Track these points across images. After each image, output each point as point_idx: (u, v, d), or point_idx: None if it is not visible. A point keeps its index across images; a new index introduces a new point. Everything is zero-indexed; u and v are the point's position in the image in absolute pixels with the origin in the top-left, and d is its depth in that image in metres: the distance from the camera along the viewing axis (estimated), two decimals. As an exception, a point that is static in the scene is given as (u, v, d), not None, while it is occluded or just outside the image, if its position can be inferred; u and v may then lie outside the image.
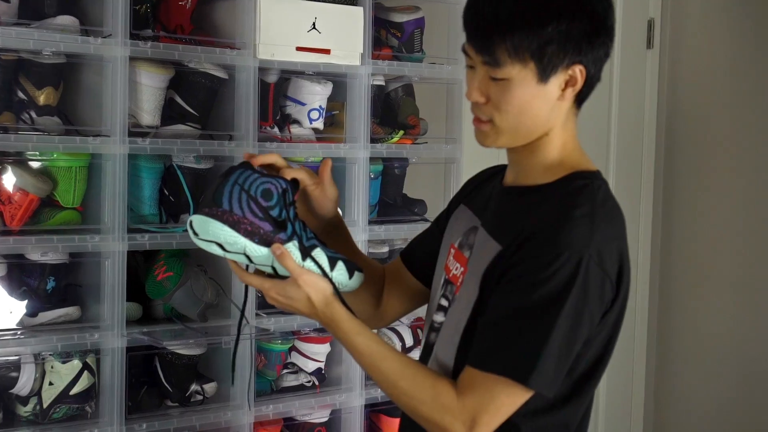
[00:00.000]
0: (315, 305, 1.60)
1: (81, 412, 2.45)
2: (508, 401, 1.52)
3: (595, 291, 1.51)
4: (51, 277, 2.43)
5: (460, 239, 1.70)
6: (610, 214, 1.57)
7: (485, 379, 1.51)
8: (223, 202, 1.60)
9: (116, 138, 2.39)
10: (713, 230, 3.64)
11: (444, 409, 1.53)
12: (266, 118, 2.68)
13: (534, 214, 1.56)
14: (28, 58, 2.38)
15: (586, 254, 1.49)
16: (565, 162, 1.61)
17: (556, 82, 1.55)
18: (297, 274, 1.59)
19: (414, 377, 1.56)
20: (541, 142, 1.60)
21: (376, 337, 1.60)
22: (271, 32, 2.60)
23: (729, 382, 3.59)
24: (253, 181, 1.62)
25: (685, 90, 3.75)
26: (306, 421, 2.80)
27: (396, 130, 2.92)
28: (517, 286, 1.51)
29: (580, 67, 1.55)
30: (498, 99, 1.55)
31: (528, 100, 1.54)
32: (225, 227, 1.58)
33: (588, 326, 1.53)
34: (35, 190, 2.36)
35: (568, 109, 1.60)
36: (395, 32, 2.96)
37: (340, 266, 1.65)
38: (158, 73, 2.50)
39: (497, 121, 1.57)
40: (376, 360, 1.58)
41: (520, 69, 1.52)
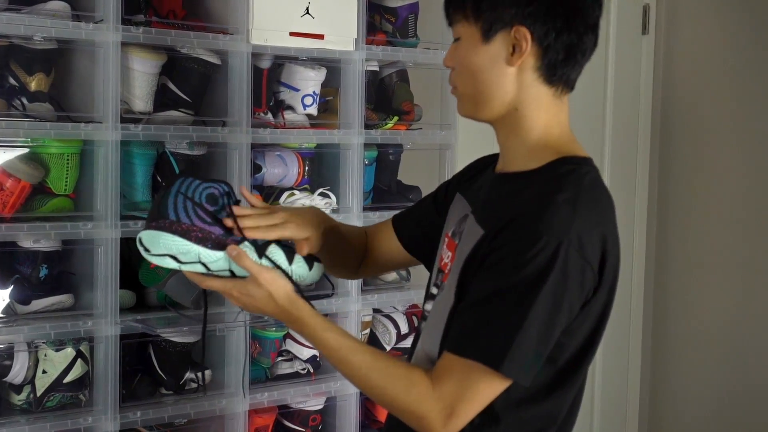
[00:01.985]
0: (278, 302, 1.59)
1: (75, 401, 2.43)
2: (485, 388, 1.49)
3: (574, 278, 1.48)
4: (44, 264, 2.42)
5: (453, 228, 1.68)
6: (594, 200, 1.54)
7: (462, 365, 1.48)
8: (169, 213, 1.59)
9: (108, 124, 2.38)
10: (709, 221, 3.63)
11: (420, 399, 1.50)
12: (260, 104, 2.67)
13: (517, 199, 1.54)
14: (19, 44, 2.36)
15: (565, 240, 1.46)
16: (550, 146, 1.58)
17: (502, 45, 1.55)
18: (256, 272, 1.58)
19: (386, 368, 1.54)
20: (515, 120, 1.58)
21: (343, 331, 1.59)
22: (264, 17, 2.58)
23: (724, 375, 3.59)
24: (196, 187, 1.61)
25: (680, 76, 3.74)
26: (301, 408, 2.79)
27: (390, 116, 2.91)
28: (495, 270, 1.49)
29: (524, 30, 1.53)
30: (457, 61, 1.60)
31: (476, 60, 1.56)
32: (175, 237, 1.58)
33: (567, 314, 1.49)
34: (27, 177, 2.35)
35: (532, 84, 1.56)
36: (389, 17, 2.94)
37: (299, 259, 1.64)
38: (150, 58, 2.49)
39: (459, 85, 1.61)
40: (347, 354, 1.55)
41: (468, 27, 1.57)
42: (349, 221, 2.75)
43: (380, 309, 2.98)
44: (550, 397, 1.56)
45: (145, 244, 1.60)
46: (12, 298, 2.41)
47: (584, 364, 1.58)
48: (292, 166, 2.75)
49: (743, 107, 3.53)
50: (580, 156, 1.59)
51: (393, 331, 2.97)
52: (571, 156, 1.58)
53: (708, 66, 3.64)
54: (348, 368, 1.56)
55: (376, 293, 2.88)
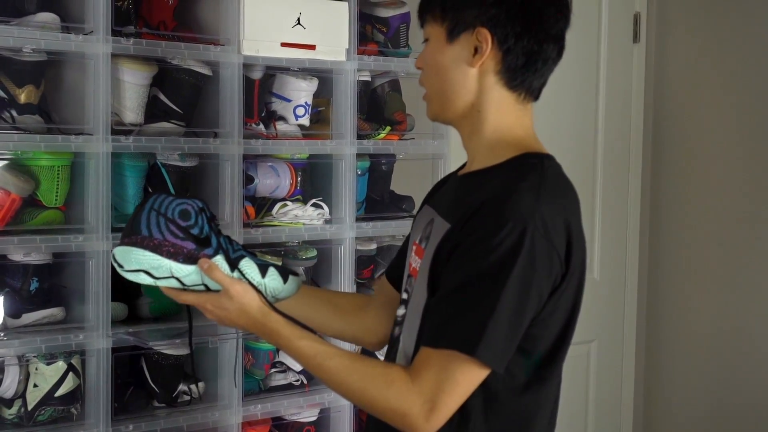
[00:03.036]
0: (249, 314, 1.61)
1: (67, 414, 2.42)
2: (463, 378, 1.49)
3: (542, 262, 1.49)
4: (34, 277, 2.40)
5: (419, 235, 1.70)
6: (558, 190, 1.57)
7: (438, 356, 1.49)
8: (142, 229, 1.62)
9: (99, 136, 2.36)
10: (701, 227, 3.63)
11: (400, 396, 1.50)
12: (251, 115, 2.66)
13: (481, 190, 1.56)
14: (8, 56, 2.35)
15: (531, 224, 1.48)
16: (512, 144, 1.62)
17: (465, 46, 1.60)
18: (227, 284, 1.61)
19: (363, 369, 1.54)
20: (476, 121, 1.62)
21: (318, 338, 1.59)
22: (255, 28, 2.58)
23: (718, 380, 3.59)
24: (169, 204, 1.63)
25: (671, 84, 3.74)
26: (295, 420, 2.78)
27: (383, 126, 2.91)
28: (462, 259, 1.51)
29: (485, 32, 1.58)
30: (423, 61, 1.66)
31: (440, 60, 1.62)
32: (146, 252, 1.60)
33: (536, 299, 1.51)
34: (17, 189, 2.34)
35: (494, 87, 1.61)
36: (381, 27, 2.94)
37: (272, 272, 1.65)
38: (141, 70, 2.48)
39: (426, 86, 1.66)
40: (323, 360, 1.56)
41: (436, 28, 1.63)
42: (341, 232, 2.74)
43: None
44: (527, 392, 1.57)
45: (118, 260, 1.63)
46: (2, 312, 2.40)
47: (559, 359, 1.60)
48: (284, 176, 2.74)
49: (735, 115, 3.54)
50: (542, 152, 1.63)
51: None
52: (534, 152, 1.61)
53: (699, 74, 3.65)
54: (326, 374, 1.57)
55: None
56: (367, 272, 2.95)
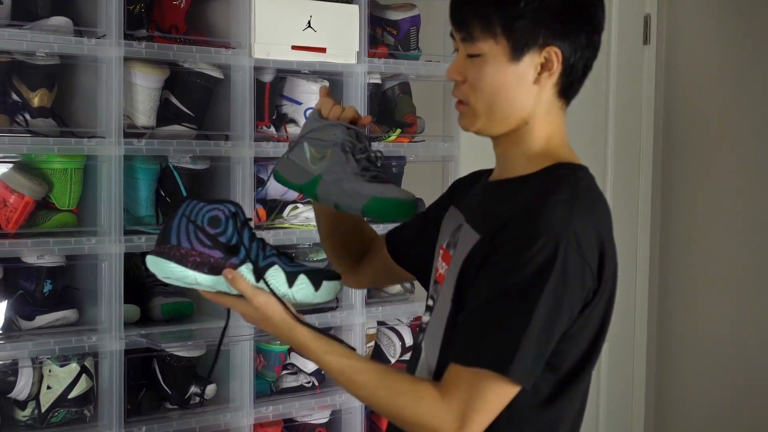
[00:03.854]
0: (276, 326, 1.59)
1: (80, 416, 2.43)
2: (494, 396, 1.47)
3: (574, 278, 1.47)
4: (48, 280, 2.42)
5: (447, 239, 1.68)
6: (590, 203, 1.54)
7: (469, 374, 1.47)
8: (171, 237, 1.60)
9: (111, 139, 2.38)
10: (712, 228, 3.63)
11: (430, 412, 1.48)
12: (262, 118, 2.67)
13: (511, 201, 1.54)
14: (21, 60, 2.36)
15: (563, 239, 1.45)
16: (548, 154, 1.59)
17: (531, 64, 1.53)
18: (250, 296, 1.59)
19: (392, 385, 1.52)
20: (522, 132, 1.58)
21: (346, 351, 1.57)
22: (266, 31, 2.58)
23: (729, 379, 3.58)
24: (200, 210, 1.61)
25: (681, 85, 3.74)
26: (306, 422, 2.79)
27: (393, 129, 2.91)
28: (494, 273, 1.48)
29: (555, 50, 1.53)
30: (473, 77, 1.55)
31: (500, 78, 1.54)
32: (171, 264, 1.59)
33: (568, 315, 1.48)
34: (31, 192, 2.35)
35: (549, 98, 1.57)
36: (391, 30, 2.95)
37: (302, 281, 1.62)
38: (153, 73, 2.49)
39: (472, 101, 1.57)
40: (351, 375, 1.54)
41: (493, 45, 1.53)
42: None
43: (385, 321, 2.98)
44: (552, 407, 1.55)
45: (150, 268, 1.63)
46: (16, 314, 2.41)
47: (586, 374, 1.57)
48: (295, 179, 2.74)
49: (745, 116, 3.53)
50: (575, 162, 1.60)
51: (398, 343, 2.96)
52: (567, 162, 1.59)
53: (710, 75, 3.64)
54: (355, 388, 1.55)
55: (381, 306, 2.88)
56: (378, 274, 2.95)
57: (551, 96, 1.58)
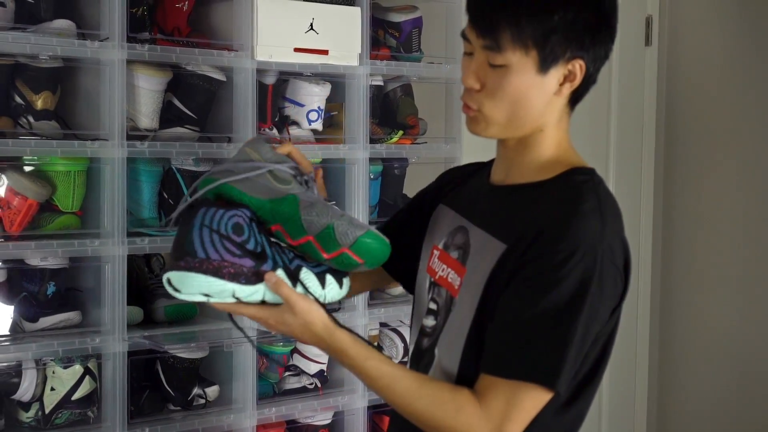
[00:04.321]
0: (315, 332, 1.56)
1: (83, 418, 2.44)
2: (531, 406, 1.48)
3: (609, 287, 1.48)
4: (51, 282, 2.42)
5: (444, 240, 1.66)
6: (613, 208, 1.54)
7: (508, 386, 1.47)
8: (197, 250, 1.52)
9: (114, 142, 2.38)
10: (714, 227, 3.63)
11: (469, 422, 1.48)
12: (265, 120, 2.68)
13: (538, 209, 1.53)
14: (24, 63, 2.37)
15: (599, 250, 1.46)
16: (560, 160, 1.58)
17: (555, 76, 1.52)
18: (293, 302, 1.55)
19: (432, 395, 1.52)
20: (535, 139, 1.58)
21: (385, 358, 1.56)
22: (268, 34, 2.59)
23: (732, 377, 3.58)
24: (220, 218, 1.54)
25: (683, 87, 3.74)
26: (309, 423, 2.79)
27: (395, 130, 2.92)
28: (532, 286, 1.47)
29: (581, 63, 1.52)
30: (494, 86, 1.52)
31: (524, 90, 1.51)
32: (208, 278, 1.51)
33: (600, 323, 1.50)
34: (34, 195, 2.36)
35: (563, 106, 1.58)
36: (393, 32, 2.95)
37: (330, 280, 1.60)
38: (156, 75, 2.50)
39: (486, 110, 1.54)
40: (390, 383, 1.53)
41: (521, 56, 1.50)
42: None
43: (387, 323, 2.98)
44: (570, 410, 1.56)
45: (174, 285, 1.53)
46: (20, 316, 2.42)
47: (600, 374, 1.59)
48: (297, 181, 2.75)
49: (747, 117, 3.54)
50: (588, 167, 1.60)
51: (400, 344, 2.97)
52: (581, 167, 1.59)
53: (711, 76, 3.65)
54: (393, 396, 1.54)
55: (383, 307, 2.88)
56: (381, 276, 2.95)
57: (565, 104, 1.58)
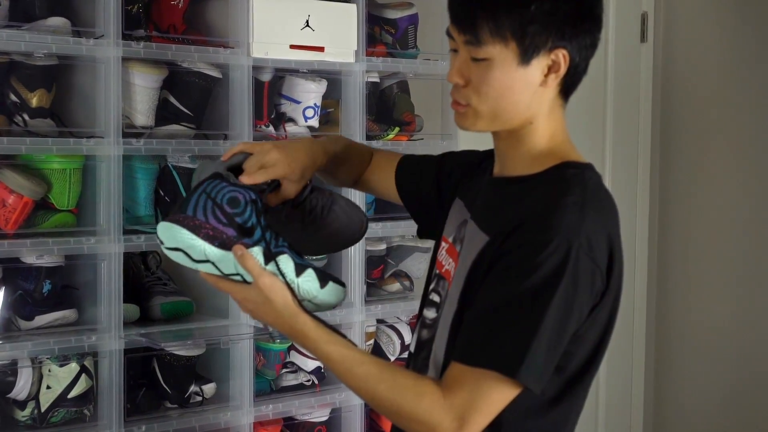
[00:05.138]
0: (277, 311, 1.55)
1: (80, 416, 2.43)
2: (497, 397, 1.47)
3: (585, 281, 1.47)
4: (47, 280, 2.42)
5: (453, 233, 1.67)
6: (601, 203, 1.53)
7: (473, 374, 1.46)
8: (188, 209, 1.60)
9: (110, 139, 2.38)
10: (710, 224, 3.64)
11: (430, 410, 1.47)
12: (261, 117, 2.67)
13: (521, 202, 1.53)
14: (19, 60, 2.36)
15: (575, 242, 1.45)
16: (554, 152, 1.58)
17: (538, 66, 1.52)
18: (256, 275, 1.55)
19: (393, 379, 1.51)
20: (526, 131, 1.57)
21: (347, 342, 1.55)
22: (264, 30, 2.59)
23: (728, 374, 3.59)
24: (221, 189, 1.61)
25: (679, 83, 3.74)
26: (306, 420, 2.79)
27: (392, 127, 2.92)
28: (504, 275, 1.47)
29: (564, 52, 1.52)
30: (478, 81, 1.52)
31: (508, 83, 1.51)
32: (184, 230, 1.58)
33: (577, 319, 1.48)
34: (29, 192, 2.35)
35: (552, 98, 1.57)
36: (389, 29, 2.95)
37: (309, 273, 1.60)
38: (151, 73, 2.49)
39: (475, 104, 1.54)
40: (351, 366, 1.52)
41: (501, 49, 1.50)
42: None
43: (384, 319, 2.98)
44: (557, 407, 1.55)
45: (159, 235, 1.61)
46: (15, 314, 2.41)
47: (591, 374, 1.57)
48: (293, 178, 2.75)
49: (743, 113, 3.54)
50: (582, 162, 1.59)
51: (397, 341, 2.97)
52: (574, 161, 1.58)
53: (707, 73, 3.65)
54: (353, 381, 1.53)
55: (380, 304, 2.88)
56: (377, 272, 2.96)
57: (554, 95, 1.57)
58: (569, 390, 1.55)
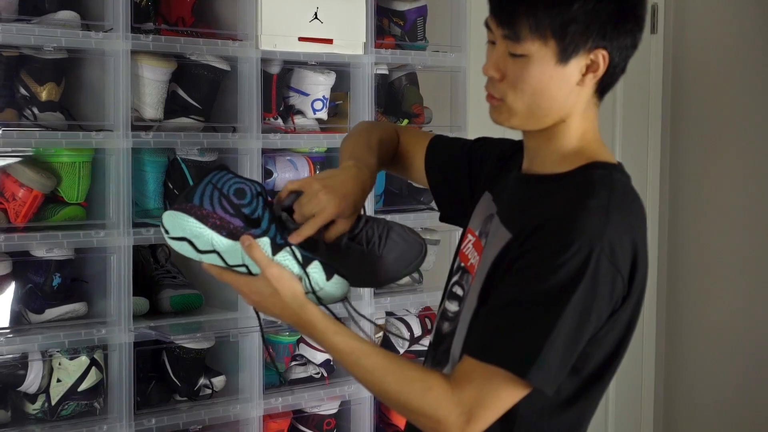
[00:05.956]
0: (284, 302, 1.54)
1: (90, 409, 2.44)
2: (506, 395, 1.46)
3: (604, 286, 1.45)
4: (57, 273, 2.42)
5: (480, 227, 1.65)
6: (627, 207, 1.51)
7: (484, 370, 1.45)
8: (195, 198, 1.58)
9: (119, 132, 2.38)
10: (720, 217, 3.62)
11: (437, 403, 1.46)
12: (270, 110, 2.67)
13: (547, 202, 1.51)
14: (29, 54, 2.36)
15: (597, 247, 1.43)
16: (583, 152, 1.56)
17: (577, 66, 1.49)
18: (264, 265, 1.54)
19: (401, 371, 1.50)
20: (558, 129, 1.55)
21: (354, 334, 1.54)
22: (272, 23, 2.58)
23: (739, 369, 3.58)
24: (227, 180, 1.60)
25: (689, 75, 3.73)
26: (315, 413, 2.79)
27: (400, 119, 2.91)
28: (523, 275, 1.46)
29: (603, 53, 1.49)
30: (515, 76, 1.50)
31: (545, 80, 1.49)
32: (191, 219, 1.56)
33: (595, 324, 1.46)
34: (39, 186, 2.35)
35: (588, 97, 1.55)
36: (398, 21, 2.94)
37: (316, 265, 1.59)
38: (160, 66, 2.49)
39: (510, 100, 1.52)
40: (359, 358, 1.51)
41: (540, 46, 1.47)
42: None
43: (393, 312, 2.98)
44: (572, 408, 1.54)
45: (165, 224, 1.59)
46: (25, 307, 2.42)
47: (609, 375, 1.56)
48: (302, 170, 2.75)
49: (753, 105, 3.52)
50: (611, 162, 1.56)
51: (406, 333, 2.97)
52: (603, 161, 1.55)
53: (717, 65, 3.63)
54: (361, 372, 1.52)
55: (389, 296, 2.88)
56: (386, 265, 2.95)
57: (590, 95, 1.55)
58: (585, 391, 1.54)
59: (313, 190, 1.62)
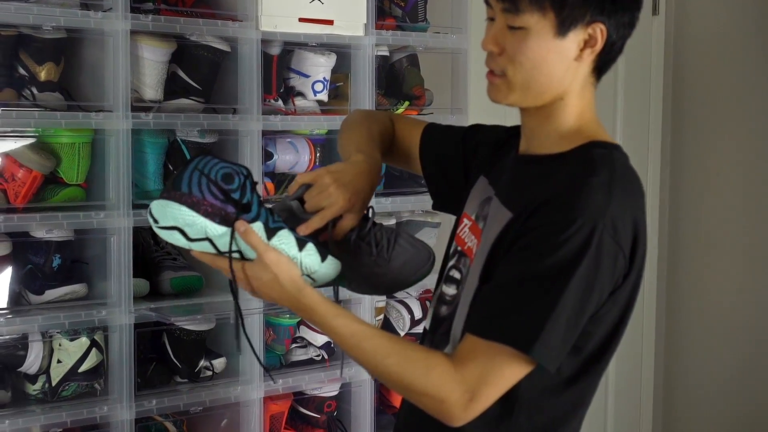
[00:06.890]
0: (283, 287, 1.54)
1: (90, 390, 2.44)
2: (510, 372, 1.46)
3: (607, 263, 1.45)
4: (57, 254, 2.42)
5: (476, 211, 1.65)
6: (628, 185, 1.52)
7: (487, 347, 1.45)
8: (182, 186, 1.56)
9: (119, 113, 2.37)
10: (721, 199, 3.61)
11: (440, 382, 1.46)
12: (270, 91, 2.66)
13: (549, 181, 1.51)
14: (28, 34, 2.35)
15: (600, 223, 1.44)
16: (582, 131, 1.57)
17: (575, 39, 1.51)
18: (262, 251, 1.54)
19: (403, 352, 1.50)
20: (555, 107, 1.56)
21: (354, 316, 1.55)
22: (273, 4, 2.57)
23: (738, 360, 3.57)
24: (213, 165, 1.58)
25: (691, 56, 3.71)
26: (316, 395, 2.80)
27: (401, 101, 2.90)
28: (526, 253, 1.46)
29: (601, 27, 1.51)
30: (513, 49, 1.51)
31: (543, 53, 1.51)
32: (183, 208, 1.54)
33: (597, 300, 1.47)
34: (39, 167, 2.35)
35: (586, 75, 1.56)
36: (399, 2, 2.93)
37: (310, 248, 1.59)
38: (160, 46, 2.48)
39: (510, 74, 1.53)
40: (361, 340, 1.51)
41: (539, 19, 1.49)
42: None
43: (394, 295, 2.98)
44: (574, 386, 1.54)
45: (154, 214, 1.57)
46: (25, 288, 2.42)
47: (608, 354, 1.56)
48: (303, 152, 2.74)
49: (756, 88, 3.51)
50: (610, 141, 1.57)
51: (407, 316, 2.97)
52: (602, 141, 1.56)
53: (719, 47, 3.62)
54: (362, 355, 1.52)
55: (390, 279, 2.87)
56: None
57: (587, 72, 1.56)
58: (586, 370, 1.54)
59: (324, 183, 1.63)
